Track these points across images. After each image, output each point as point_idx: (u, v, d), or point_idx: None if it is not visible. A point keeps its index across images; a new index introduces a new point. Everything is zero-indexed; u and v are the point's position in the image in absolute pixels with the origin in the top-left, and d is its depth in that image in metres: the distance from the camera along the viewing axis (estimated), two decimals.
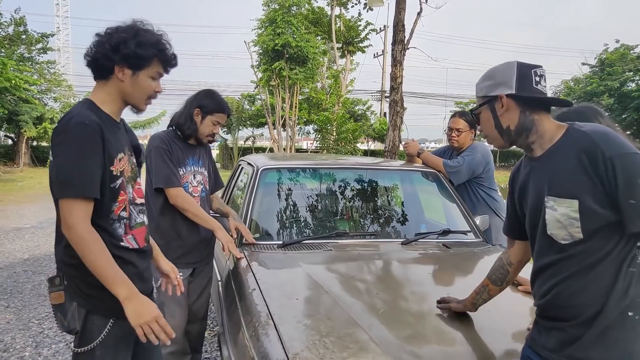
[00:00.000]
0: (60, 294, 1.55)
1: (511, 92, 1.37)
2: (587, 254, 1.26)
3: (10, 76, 15.75)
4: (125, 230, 1.62)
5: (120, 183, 1.59)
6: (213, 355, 3.27)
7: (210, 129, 2.45)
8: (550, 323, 1.35)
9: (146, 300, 1.51)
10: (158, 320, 1.49)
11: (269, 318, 1.74)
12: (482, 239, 2.85)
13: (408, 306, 1.95)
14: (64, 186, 1.46)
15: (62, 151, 1.47)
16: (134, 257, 1.65)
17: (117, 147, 1.59)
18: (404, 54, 8.07)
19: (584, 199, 1.23)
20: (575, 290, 1.28)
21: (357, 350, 1.54)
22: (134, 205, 1.67)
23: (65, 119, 1.51)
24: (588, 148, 1.24)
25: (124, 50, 1.53)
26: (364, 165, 3.35)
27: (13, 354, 3.27)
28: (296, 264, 2.31)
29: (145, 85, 1.60)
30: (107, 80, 1.59)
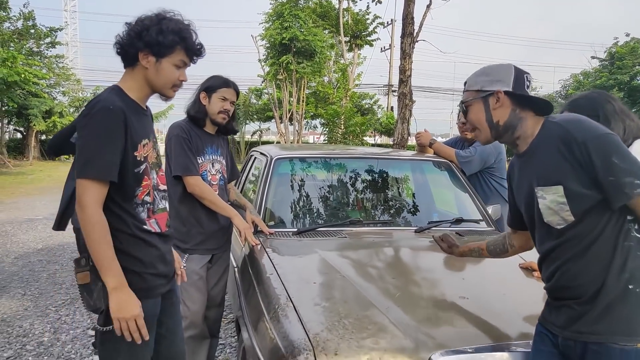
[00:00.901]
0: (86, 274, 1.59)
1: (508, 90, 1.44)
2: (583, 235, 1.33)
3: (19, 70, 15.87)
4: (148, 215, 1.67)
5: (144, 168, 1.64)
6: (228, 342, 3.34)
7: (219, 106, 2.46)
8: (558, 302, 1.41)
9: (132, 297, 1.54)
10: (136, 320, 1.53)
11: (289, 301, 1.78)
12: (494, 228, 2.87)
13: (423, 291, 1.99)
14: (84, 167, 1.51)
15: (85, 134, 1.53)
16: (157, 241, 1.70)
17: (141, 133, 1.63)
18: (413, 46, 8.06)
19: (568, 184, 1.32)
20: (577, 270, 1.35)
21: (375, 331, 1.58)
22: (157, 191, 1.72)
23: (92, 103, 1.56)
24: (563, 137, 1.33)
25: (146, 37, 1.57)
26: (376, 155, 3.38)
27: (32, 339, 3.35)
28: (312, 250, 2.35)
29: (168, 73, 1.63)
30: (134, 67, 1.63)
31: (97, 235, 1.49)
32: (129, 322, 1.53)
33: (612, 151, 1.27)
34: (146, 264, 1.65)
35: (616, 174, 1.26)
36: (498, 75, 1.47)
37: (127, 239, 1.61)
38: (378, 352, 1.49)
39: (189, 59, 1.67)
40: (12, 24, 20.42)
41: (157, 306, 1.73)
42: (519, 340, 1.58)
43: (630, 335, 1.28)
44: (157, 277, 1.69)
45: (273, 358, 1.58)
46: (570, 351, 1.36)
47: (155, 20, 1.59)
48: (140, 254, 1.63)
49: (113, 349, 1.62)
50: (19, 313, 3.84)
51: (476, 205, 3.00)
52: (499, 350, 1.53)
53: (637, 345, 1.27)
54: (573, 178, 1.31)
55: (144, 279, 1.65)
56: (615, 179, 1.26)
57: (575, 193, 1.31)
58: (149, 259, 1.65)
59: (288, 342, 1.55)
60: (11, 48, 18.23)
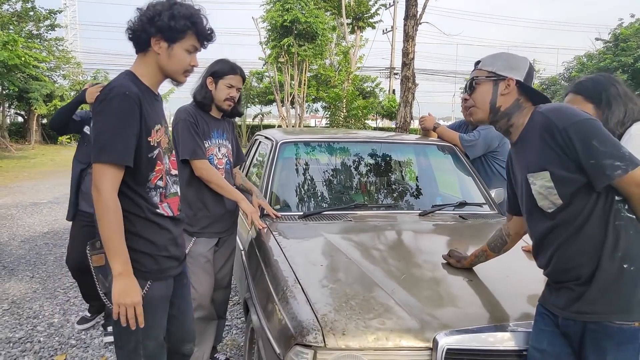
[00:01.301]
0: (101, 256, 1.63)
1: (520, 80, 1.49)
2: (573, 217, 1.38)
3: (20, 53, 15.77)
4: (160, 199, 1.71)
5: (157, 153, 1.67)
6: (234, 323, 3.40)
7: (225, 93, 2.47)
8: (558, 284, 1.46)
9: (134, 284, 1.57)
10: (136, 307, 1.57)
11: (297, 283, 1.83)
12: (497, 211, 2.90)
13: (427, 273, 2.02)
14: (100, 151, 1.53)
15: (101, 119, 1.55)
16: (169, 224, 1.74)
17: (154, 119, 1.66)
18: (416, 29, 8.00)
19: (554, 169, 1.38)
20: (572, 252, 1.40)
21: (382, 311, 1.62)
22: (169, 176, 1.76)
23: (107, 88, 1.58)
24: (545, 125, 1.39)
25: (158, 22, 1.58)
26: (381, 139, 3.40)
27: (43, 320, 3.41)
28: (318, 233, 2.39)
29: (181, 58, 1.65)
30: (146, 53, 1.65)
31: (110, 220, 1.53)
32: (128, 309, 1.56)
33: (591, 135, 1.32)
34: (159, 247, 1.69)
35: (596, 156, 1.30)
36: (514, 63, 1.52)
37: (141, 222, 1.65)
38: (384, 332, 1.53)
39: (199, 44, 1.68)
40: (11, 6, 20.22)
41: (170, 288, 1.78)
42: (520, 321, 1.62)
43: (628, 313, 1.32)
44: (169, 259, 1.74)
45: (282, 338, 1.62)
46: (571, 330, 1.41)
47: (167, 6, 1.60)
48: (153, 237, 1.67)
49: (128, 328, 1.65)
50: (28, 295, 3.91)
51: (479, 189, 3.03)
52: (501, 330, 1.57)
53: (634, 324, 1.31)
54: (558, 163, 1.37)
55: (157, 261, 1.69)
56: (595, 162, 1.31)
57: (561, 177, 1.37)
58: (162, 242, 1.69)
59: (297, 322, 1.59)
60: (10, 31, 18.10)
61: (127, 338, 1.69)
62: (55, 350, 2.99)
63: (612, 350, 1.33)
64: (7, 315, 3.49)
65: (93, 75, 24.89)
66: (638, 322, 1.31)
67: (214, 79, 2.46)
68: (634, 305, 1.33)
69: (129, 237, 1.61)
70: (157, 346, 1.75)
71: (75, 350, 2.99)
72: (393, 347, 1.51)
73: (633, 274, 1.33)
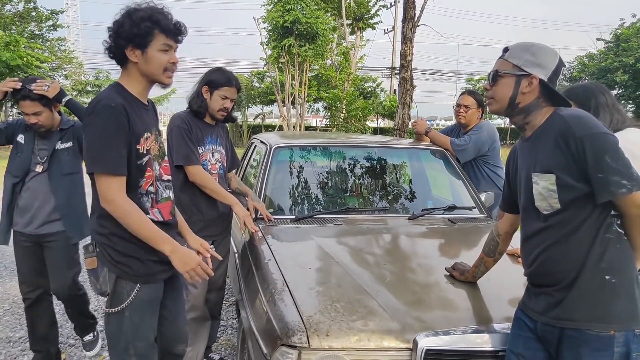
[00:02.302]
0: (93, 259, 1.73)
1: (543, 79, 1.47)
2: (566, 223, 1.41)
3: (22, 54, 15.90)
4: (151, 204, 1.78)
5: (146, 160, 1.74)
6: (229, 323, 3.47)
7: (219, 104, 2.54)
8: (538, 289, 1.50)
9: (187, 251, 1.73)
10: (201, 265, 1.73)
11: (284, 285, 1.89)
12: (486, 215, 2.96)
13: (413, 276, 2.09)
14: (93, 162, 1.62)
15: (90, 131, 1.63)
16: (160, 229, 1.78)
17: (143, 127, 1.72)
18: (414, 31, 8.05)
19: (560, 174, 1.39)
20: (557, 257, 1.43)
21: (365, 314, 1.69)
22: (160, 182, 1.83)
23: (95, 101, 1.65)
24: (563, 130, 1.39)
25: (123, 33, 1.63)
26: (373, 144, 3.46)
27: None
28: (308, 237, 2.46)
29: (157, 60, 1.68)
30: (127, 65, 1.71)
31: (134, 218, 1.63)
32: (196, 270, 1.71)
33: (605, 149, 1.33)
34: (147, 251, 1.73)
35: (605, 171, 1.32)
36: (542, 59, 1.47)
37: None
38: (366, 334, 1.60)
39: (172, 41, 1.70)
40: (14, 7, 20.35)
41: (159, 291, 1.85)
42: (499, 323, 1.68)
43: (605, 322, 1.36)
44: (157, 264, 1.79)
45: (269, 339, 1.69)
46: (549, 336, 1.45)
47: (126, 14, 1.65)
48: (142, 242, 1.71)
49: (119, 329, 1.75)
50: None
51: (469, 192, 3.09)
52: (479, 332, 1.63)
53: (610, 332, 1.35)
54: (565, 169, 1.37)
55: (146, 265, 1.76)
56: (603, 176, 1.32)
57: (565, 183, 1.38)
58: (150, 247, 1.73)
59: (283, 323, 1.66)
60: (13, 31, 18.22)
61: (117, 339, 1.76)
62: None
63: (588, 357, 1.37)
64: (7, 315, 3.57)
65: (95, 75, 25.02)
66: (614, 330, 1.35)
67: (210, 89, 2.53)
68: (612, 315, 1.36)
69: (119, 241, 1.69)
70: (148, 346, 1.82)
71: (74, 349, 3.06)
72: (374, 347, 1.58)
73: (614, 285, 1.37)
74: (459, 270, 1.97)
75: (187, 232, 2.05)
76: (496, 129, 3.55)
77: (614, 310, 1.36)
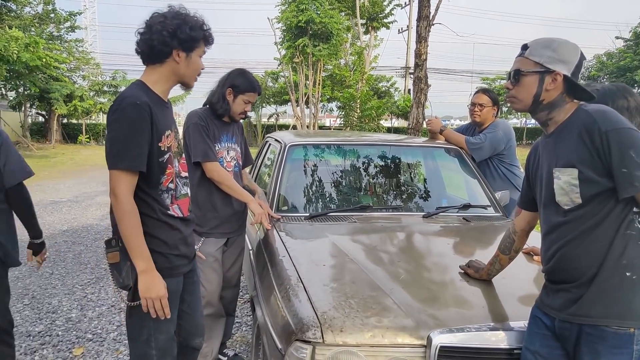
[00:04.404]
0: (116, 254, 1.75)
1: (567, 75, 1.45)
2: (586, 218, 1.39)
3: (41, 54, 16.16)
4: (171, 201, 1.82)
5: (167, 158, 1.78)
6: (244, 320, 3.50)
7: (242, 108, 2.59)
8: (556, 285, 1.48)
9: (157, 279, 1.70)
10: (161, 300, 1.70)
11: (299, 281, 1.90)
12: (501, 214, 2.94)
13: (428, 274, 2.08)
14: (115, 159, 1.65)
15: (114, 128, 1.66)
16: (180, 224, 1.85)
17: (164, 125, 1.76)
18: (429, 30, 8.01)
19: (582, 169, 1.37)
20: (577, 253, 1.41)
21: (379, 310, 1.69)
22: (179, 178, 1.87)
23: (120, 98, 1.68)
24: (588, 124, 1.37)
25: (181, 35, 1.70)
26: (387, 142, 3.46)
27: (61, 315, 3.56)
28: (323, 234, 2.47)
29: (197, 64, 1.79)
30: (162, 63, 1.75)
31: (128, 222, 1.64)
32: (155, 302, 1.69)
33: (630, 144, 1.31)
34: (170, 246, 1.79)
35: (629, 166, 1.30)
36: (564, 55, 1.45)
37: (154, 223, 1.76)
38: (380, 330, 1.60)
39: (206, 49, 1.83)
40: (33, 9, 20.71)
41: (180, 284, 1.90)
42: (516, 321, 1.67)
43: (624, 319, 1.34)
44: (179, 258, 1.85)
45: (284, 334, 1.70)
46: (566, 333, 1.43)
47: (182, 19, 1.72)
48: (164, 237, 1.77)
49: (140, 322, 1.78)
50: (47, 291, 4.06)
51: (485, 191, 3.07)
52: (494, 329, 1.62)
53: (630, 330, 1.33)
54: (589, 164, 1.36)
55: (168, 259, 1.81)
56: (627, 171, 1.31)
57: (587, 178, 1.36)
58: (173, 241, 1.80)
59: (298, 319, 1.67)
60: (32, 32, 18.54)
61: (139, 331, 1.81)
62: (72, 343, 3.12)
63: (607, 354, 1.35)
64: (27, 310, 3.65)
65: (112, 76, 25.34)
66: (634, 327, 1.33)
67: (234, 92, 2.56)
68: (631, 312, 1.34)
69: (144, 237, 1.71)
70: (168, 339, 1.86)
71: (92, 344, 3.12)
72: (389, 344, 1.58)
73: (634, 282, 1.35)
74: (474, 267, 1.96)
75: None
76: (512, 127, 3.52)
77: (633, 307, 1.35)
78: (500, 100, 3.61)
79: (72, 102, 22.25)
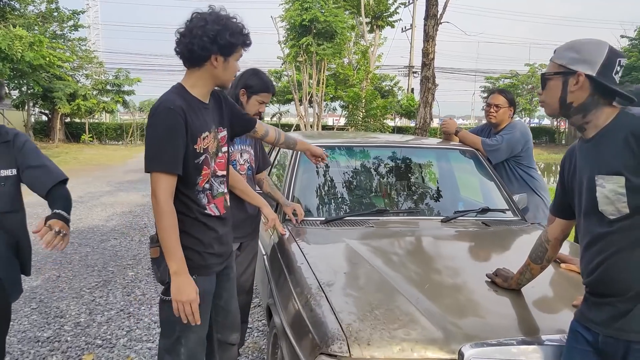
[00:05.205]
0: (156, 249, 1.82)
1: (591, 74, 1.38)
2: (634, 228, 1.31)
3: (44, 53, 16.14)
4: (208, 200, 1.86)
5: (203, 159, 1.81)
6: (255, 326, 3.43)
7: (256, 109, 2.52)
8: (600, 299, 1.40)
9: (189, 283, 1.72)
10: (192, 304, 1.72)
11: (320, 290, 1.84)
12: (520, 217, 2.87)
13: (453, 282, 2.01)
14: (151, 162, 1.71)
15: (150, 132, 1.73)
16: (216, 223, 1.89)
17: (201, 127, 1.79)
18: (437, 28, 7.93)
19: (630, 176, 1.29)
20: (624, 265, 1.33)
21: (407, 322, 1.62)
22: (215, 177, 1.89)
23: (157, 103, 1.75)
24: (635, 129, 1.30)
25: (221, 41, 1.72)
26: (403, 144, 3.39)
27: (69, 320, 3.50)
28: (340, 240, 2.40)
29: (234, 68, 1.83)
30: (200, 67, 1.78)
31: (165, 223, 1.69)
32: (185, 305, 1.71)
33: None
34: (205, 245, 1.84)
35: None
36: (587, 54, 1.39)
37: (190, 222, 1.81)
38: (409, 343, 1.53)
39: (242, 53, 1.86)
40: (36, 7, 20.71)
41: (213, 283, 1.94)
42: (550, 334, 1.60)
43: None
44: (213, 256, 1.89)
45: (307, 347, 1.64)
46: (611, 350, 1.35)
47: (223, 24, 1.73)
48: (200, 236, 1.83)
49: (172, 317, 1.78)
50: (55, 294, 4.00)
51: (502, 194, 3.00)
52: (529, 343, 1.56)
53: None
54: (637, 171, 1.29)
55: (203, 257, 1.85)
56: None
57: (636, 186, 1.29)
58: (208, 240, 1.85)
59: (322, 331, 1.60)
60: (35, 31, 18.52)
61: (170, 327, 1.84)
62: (82, 350, 3.06)
63: None
64: (35, 314, 3.59)
65: (115, 75, 25.31)
66: None
67: (247, 93, 2.50)
68: None
69: (180, 235, 1.75)
70: (198, 341, 1.88)
71: (102, 350, 3.06)
72: (418, 358, 1.51)
73: None
74: (502, 276, 1.89)
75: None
76: (529, 129, 3.44)
77: None
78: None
79: (75, 101, 22.23)
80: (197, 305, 1.73)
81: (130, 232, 6.29)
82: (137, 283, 4.30)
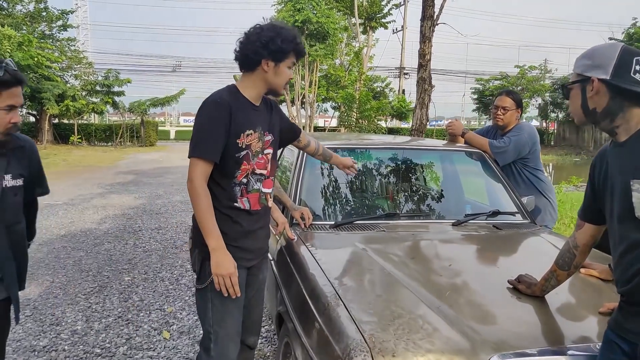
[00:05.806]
0: (190, 242, 2.00)
1: (605, 78, 1.36)
2: None
3: (33, 53, 15.89)
4: (242, 194, 1.95)
5: (244, 155, 1.91)
6: None
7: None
8: (637, 308, 1.35)
9: (228, 258, 1.84)
10: (231, 277, 1.84)
11: (337, 298, 1.76)
12: (530, 220, 2.83)
13: (473, 289, 1.95)
14: (193, 148, 1.84)
15: (196, 121, 1.89)
16: (243, 218, 1.96)
17: (246, 125, 1.90)
18: (433, 30, 7.91)
19: None
20: None
21: (431, 331, 1.56)
22: (253, 174, 1.97)
23: (207, 98, 1.90)
24: None
25: (272, 46, 1.84)
26: (411, 146, 3.33)
27: (66, 327, 3.38)
28: (352, 244, 2.33)
29: (285, 75, 1.93)
30: (253, 71, 1.91)
31: (202, 204, 1.82)
32: (225, 279, 1.83)
33: None
34: (229, 237, 1.91)
35: None
36: (599, 59, 1.39)
37: (217, 215, 1.88)
38: (435, 354, 1.47)
39: (296, 60, 1.97)
40: (24, 7, 20.40)
41: (242, 277, 1.98)
42: (578, 343, 1.54)
43: None
44: (239, 250, 1.95)
45: (326, 358, 1.57)
46: None
47: (276, 31, 1.86)
48: (226, 229, 1.90)
49: (204, 306, 1.95)
50: (49, 301, 3.88)
51: (511, 197, 2.95)
52: (559, 354, 1.50)
53: None
54: None
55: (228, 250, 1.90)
56: None
57: None
58: (233, 234, 1.93)
59: (343, 342, 1.53)
60: (23, 31, 18.23)
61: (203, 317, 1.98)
62: (80, 359, 2.95)
63: None
64: (30, 322, 3.47)
65: (104, 75, 25.00)
66: None
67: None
68: None
69: None
70: (227, 337, 1.96)
71: (101, 359, 2.96)
72: None
73: None
74: (525, 283, 1.83)
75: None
76: (536, 131, 3.41)
77: None
78: None
79: (64, 102, 21.89)
80: (236, 279, 1.84)
81: (124, 235, 6.16)
82: (134, 288, 4.19)
